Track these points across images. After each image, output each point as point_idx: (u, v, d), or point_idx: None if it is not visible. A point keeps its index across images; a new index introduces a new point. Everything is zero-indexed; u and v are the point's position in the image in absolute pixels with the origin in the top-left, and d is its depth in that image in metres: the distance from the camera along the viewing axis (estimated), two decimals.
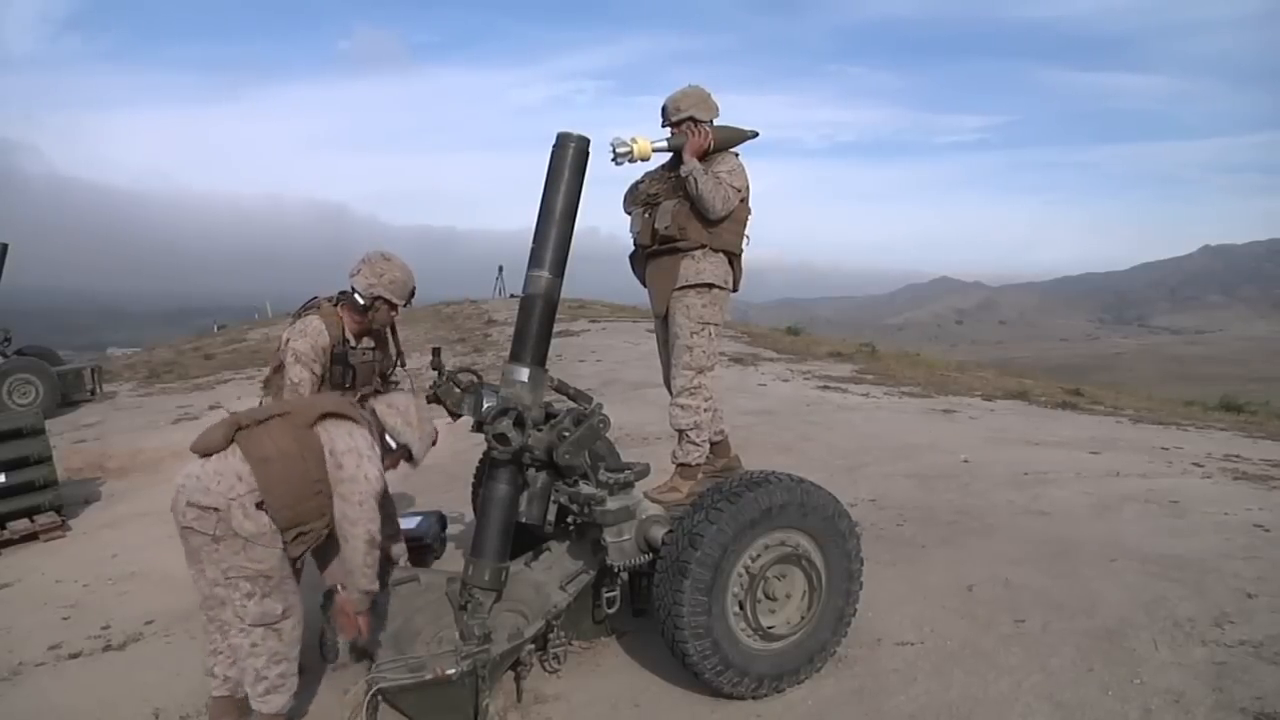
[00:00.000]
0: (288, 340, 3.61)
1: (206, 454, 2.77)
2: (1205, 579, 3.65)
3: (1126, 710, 2.80)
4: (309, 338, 3.55)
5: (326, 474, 2.84)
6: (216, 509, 2.69)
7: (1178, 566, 3.80)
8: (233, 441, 2.77)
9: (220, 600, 2.79)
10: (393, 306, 3.66)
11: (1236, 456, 6.14)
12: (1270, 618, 3.29)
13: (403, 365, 4.01)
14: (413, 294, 3.74)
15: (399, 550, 4.03)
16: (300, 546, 2.87)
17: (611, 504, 3.18)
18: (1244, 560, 3.85)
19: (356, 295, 3.58)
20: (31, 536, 5.92)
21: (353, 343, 3.67)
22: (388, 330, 3.85)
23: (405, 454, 3.31)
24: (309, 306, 3.71)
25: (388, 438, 3.20)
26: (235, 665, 2.88)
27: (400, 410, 3.23)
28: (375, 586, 2.95)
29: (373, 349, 3.75)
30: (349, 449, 2.84)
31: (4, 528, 5.90)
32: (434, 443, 3.49)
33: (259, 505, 2.73)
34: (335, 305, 3.66)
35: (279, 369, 3.66)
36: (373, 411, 3.20)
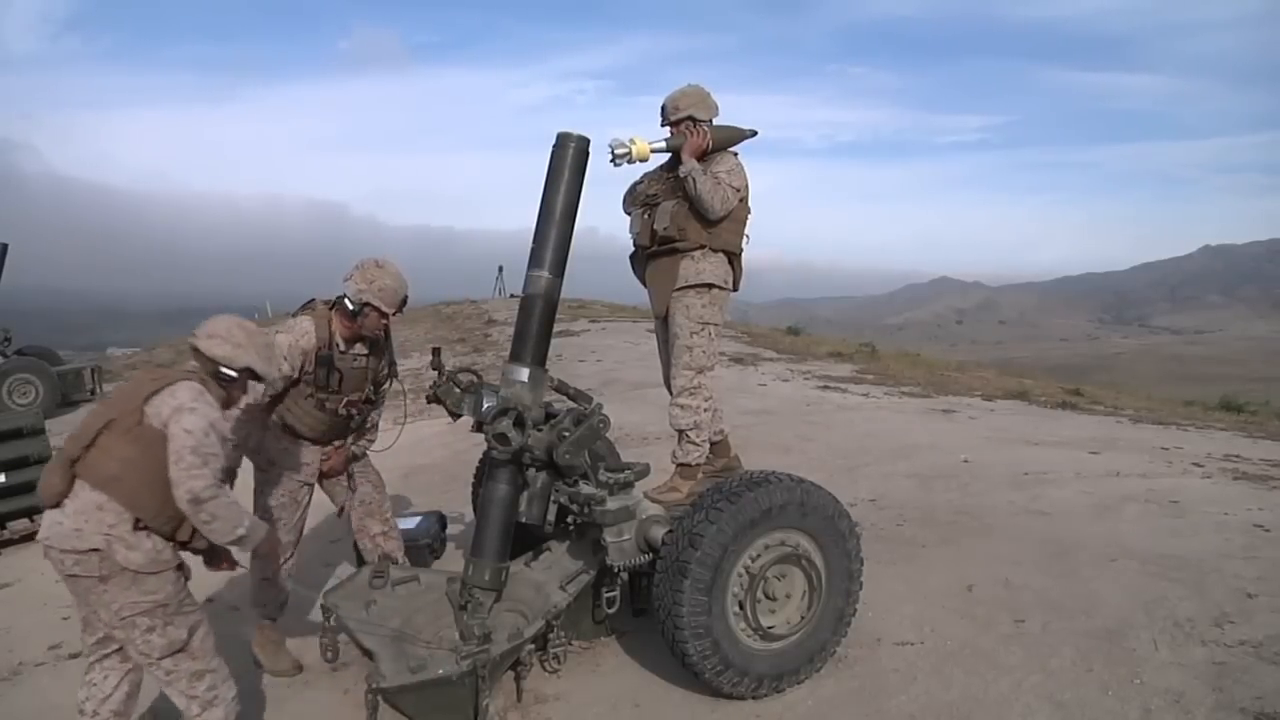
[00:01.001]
0: (276, 333, 3.61)
1: (55, 504, 2.60)
2: (1205, 579, 3.65)
3: (1126, 710, 2.80)
4: (292, 335, 3.55)
5: None
6: (97, 549, 2.54)
7: (1178, 566, 3.80)
8: (74, 478, 2.59)
9: (119, 642, 2.67)
10: (382, 314, 3.62)
11: (1236, 456, 6.14)
12: (1270, 618, 3.29)
13: (395, 376, 3.97)
14: (404, 303, 3.68)
15: (395, 547, 4.04)
16: (204, 540, 2.70)
17: (611, 504, 3.18)
18: (1244, 560, 3.85)
19: (346, 300, 3.57)
20: (31, 536, 5.91)
21: (342, 347, 3.65)
22: (383, 338, 3.83)
23: (250, 376, 2.89)
24: (306, 307, 3.71)
25: (224, 370, 2.80)
26: (127, 702, 2.81)
27: (222, 335, 2.80)
28: (236, 535, 2.67)
29: (366, 356, 3.73)
30: (172, 410, 2.60)
31: (4, 528, 5.91)
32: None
33: (138, 527, 2.58)
34: (330, 308, 3.65)
35: None
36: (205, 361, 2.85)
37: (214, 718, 2.73)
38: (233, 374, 2.81)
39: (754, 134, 4.24)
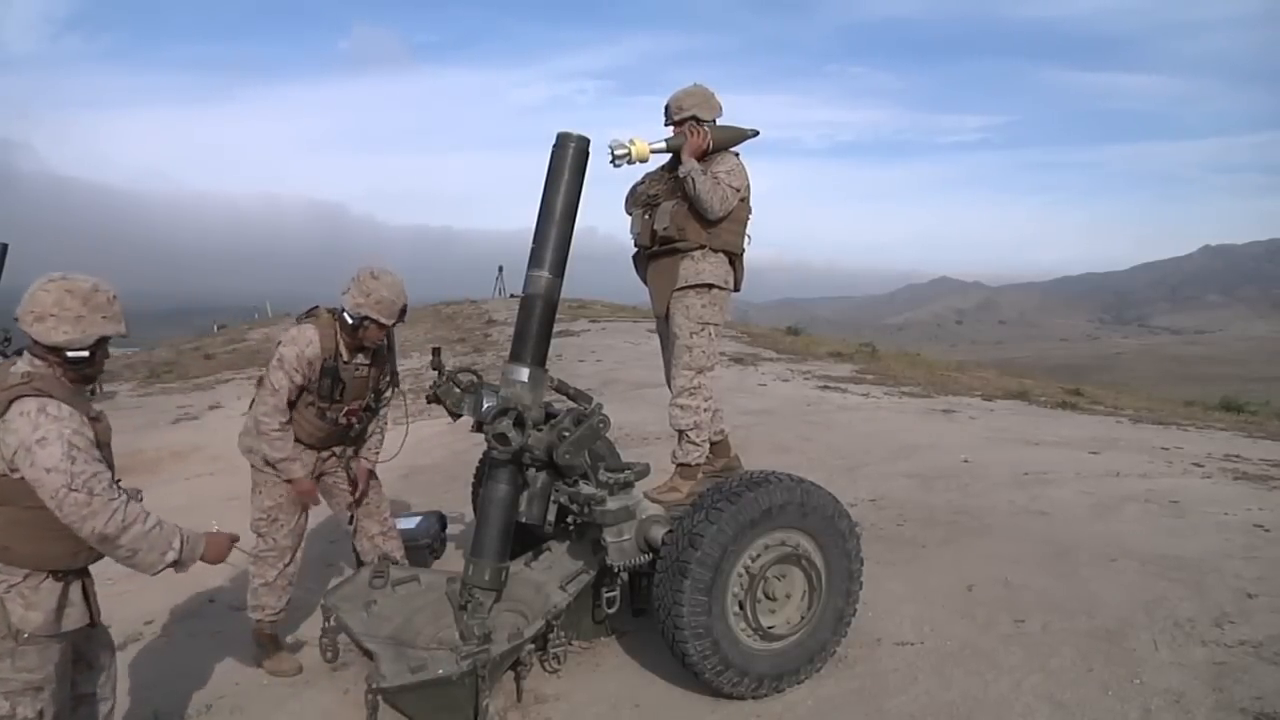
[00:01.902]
0: (279, 344, 3.61)
1: None
2: (1205, 579, 3.65)
3: (1126, 710, 2.80)
4: (298, 346, 3.53)
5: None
6: None
7: (1178, 566, 3.80)
8: None
9: None
10: (381, 326, 3.62)
11: (1236, 456, 6.14)
12: (1270, 618, 3.28)
13: (396, 385, 3.97)
14: (403, 312, 3.67)
15: (394, 547, 4.03)
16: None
17: (611, 504, 3.18)
18: (1244, 560, 3.85)
19: (345, 315, 3.57)
20: None
21: (345, 357, 3.65)
22: (386, 347, 3.84)
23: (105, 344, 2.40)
24: (310, 315, 3.69)
25: (72, 354, 2.30)
26: None
27: (54, 313, 2.25)
28: (166, 561, 2.35)
29: (368, 365, 3.73)
30: (17, 451, 2.18)
31: None
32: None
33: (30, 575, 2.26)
34: (334, 318, 3.64)
35: None
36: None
37: None
38: (85, 354, 2.32)
39: (755, 134, 4.24)
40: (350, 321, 3.56)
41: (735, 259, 4.24)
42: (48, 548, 2.26)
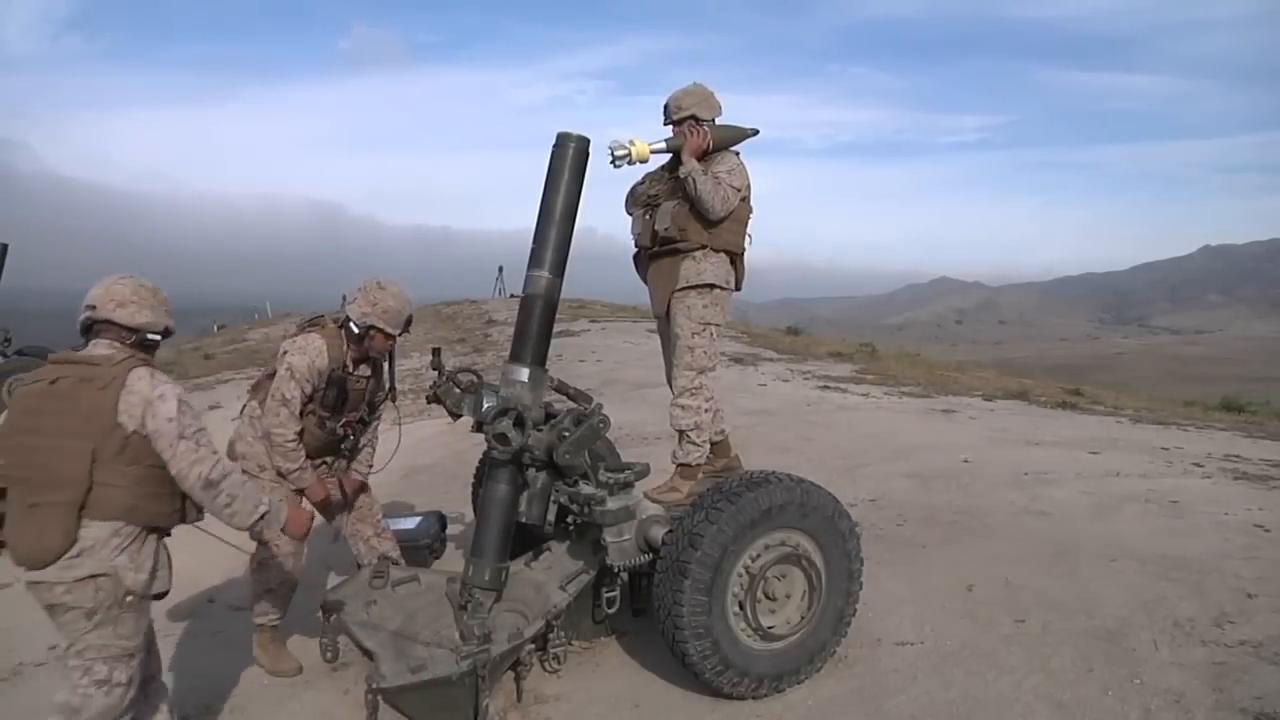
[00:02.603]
0: (285, 353, 3.57)
1: (45, 564, 2.39)
2: (1205, 579, 3.65)
3: (1126, 710, 2.80)
4: (308, 356, 3.51)
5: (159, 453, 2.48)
6: (97, 575, 2.39)
7: (1178, 566, 3.80)
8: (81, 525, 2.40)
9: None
10: (388, 336, 3.62)
11: (1236, 456, 6.14)
12: (1270, 618, 3.28)
13: (393, 400, 3.94)
14: (409, 322, 3.68)
15: (390, 547, 4.03)
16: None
17: (611, 504, 3.18)
18: (1244, 560, 3.85)
19: (352, 324, 3.57)
20: None
21: (350, 368, 3.65)
22: (384, 359, 3.83)
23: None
24: (313, 324, 3.68)
25: (150, 335, 2.64)
26: None
27: (134, 300, 2.57)
28: (259, 513, 2.62)
29: (367, 377, 3.74)
30: (142, 406, 2.45)
31: (4, 527, 5.90)
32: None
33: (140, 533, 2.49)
34: (339, 328, 3.63)
35: (272, 376, 3.62)
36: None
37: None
38: (157, 338, 2.66)
39: (755, 133, 4.24)
40: (356, 330, 3.56)
41: (736, 259, 4.24)
42: (162, 505, 2.52)
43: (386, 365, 3.88)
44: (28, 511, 2.41)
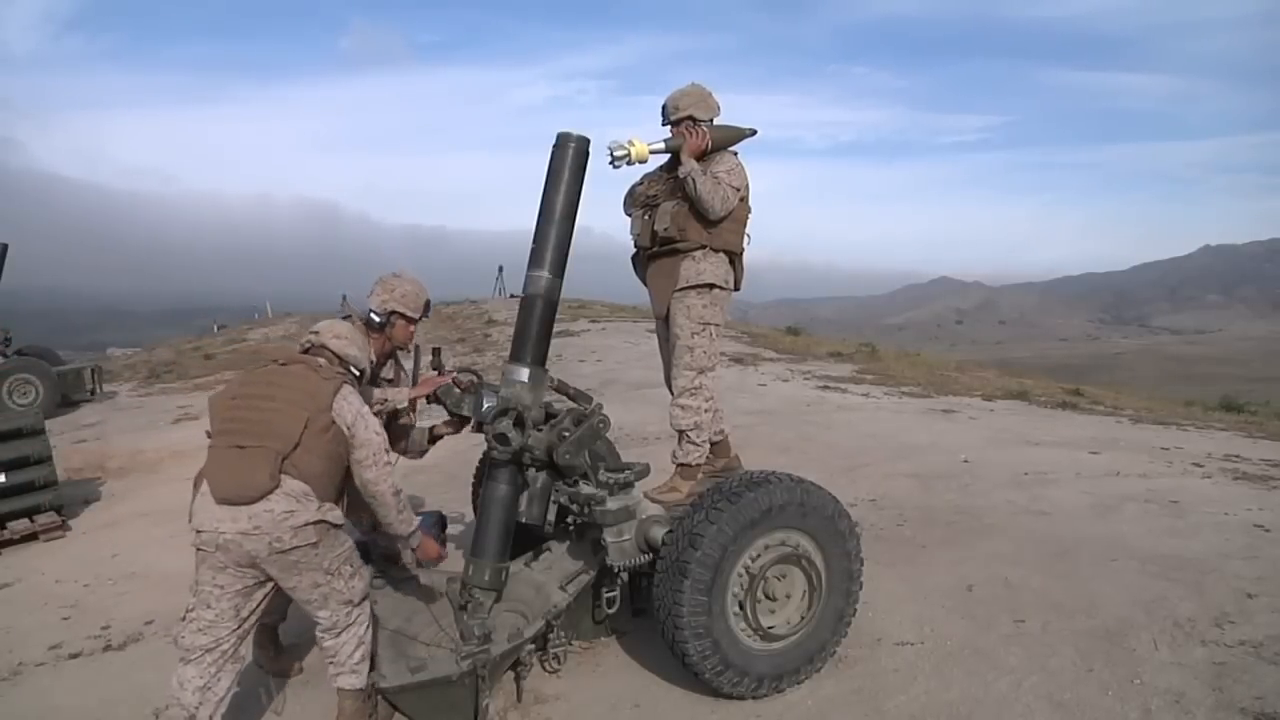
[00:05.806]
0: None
1: (250, 500, 2.67)
2: (1205, 579, 3.65)
3: (1126, 710, 2.80)
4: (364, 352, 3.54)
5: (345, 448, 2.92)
6: (314, 523, 2.73)
7: (1178, 566, 3.80)
8: (281, 472, 2.71)
9: (316, 604, 2.84)
10: (409, 321, 3.67)
11: (1236, 456, 6.14)
12: (1270, 618, 3.29)
13: (412, 412, 3.92)
14: (428, 306, 3.74)
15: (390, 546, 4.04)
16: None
17: (611, 504, 3.18)
18: (1244, 560, 3.85)
19: (373, 314, 3.61)
20: (31, 536, 5.92)
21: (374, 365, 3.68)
22: (400, 359, 3.85)
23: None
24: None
25: (353, 369, 3.15)
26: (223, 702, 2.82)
27: (347, 337, 3.16)
28: (414, 526, 3.14)
29: (389, 380, 3.77)
30: (355, 414, 2.91)
31: (4, 528, 5.91)
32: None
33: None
34: (361, 322, 3.66)
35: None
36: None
37: (363, 666, 2.97)
38: (357, 373, 3.14)
39: (754, 133, 4.24)
40: (378, 320, 3.60)
41: (735, 259, 4.24)
42: (332, 492, 2.88)
43: (410, 365, 3.89)
44: (238, 454, 2.71)
